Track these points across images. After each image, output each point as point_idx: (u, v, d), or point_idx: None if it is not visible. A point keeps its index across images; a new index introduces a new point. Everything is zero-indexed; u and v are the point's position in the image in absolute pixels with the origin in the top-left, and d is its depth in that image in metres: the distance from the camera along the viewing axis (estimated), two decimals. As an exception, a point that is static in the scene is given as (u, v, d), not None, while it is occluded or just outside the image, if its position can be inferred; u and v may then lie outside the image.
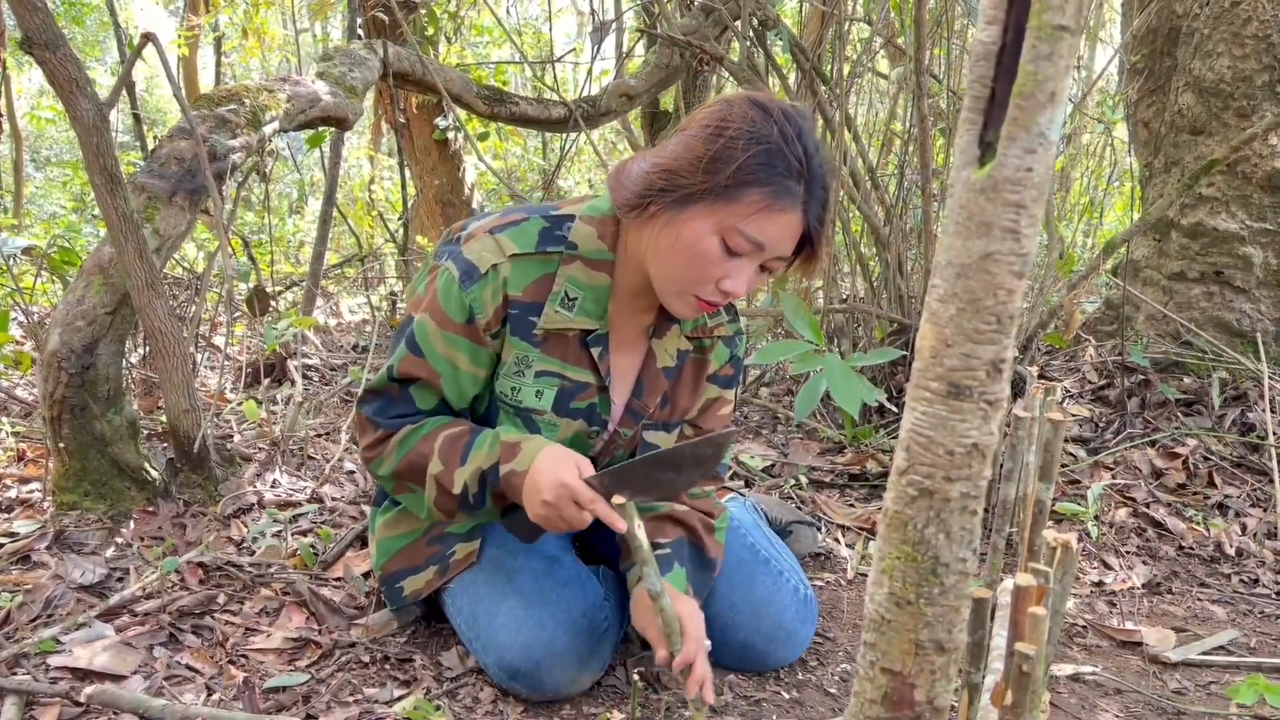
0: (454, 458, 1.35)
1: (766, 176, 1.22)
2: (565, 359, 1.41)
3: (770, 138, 1.23)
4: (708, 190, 1.23)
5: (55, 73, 1.59)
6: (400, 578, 1.52)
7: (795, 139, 1.24)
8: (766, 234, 1.25)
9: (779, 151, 1.23)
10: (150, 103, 12.73)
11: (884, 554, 0.68)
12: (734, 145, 1.23)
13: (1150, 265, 3.19)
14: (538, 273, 1.37)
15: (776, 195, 1.23)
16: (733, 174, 1.22)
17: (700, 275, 1.28)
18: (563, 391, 1.42)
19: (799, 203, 1.25)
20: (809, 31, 4.16)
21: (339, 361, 3.62)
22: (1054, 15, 0.55)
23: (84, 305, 1.79)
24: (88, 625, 1.46)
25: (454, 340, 1.36)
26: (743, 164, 1.22)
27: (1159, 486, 2.48)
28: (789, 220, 1.26)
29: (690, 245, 1.26)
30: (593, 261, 1.38)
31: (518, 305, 1.36)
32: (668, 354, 1.49)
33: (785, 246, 1.29)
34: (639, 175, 1.31)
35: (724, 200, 1.23)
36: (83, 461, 1.80)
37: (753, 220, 1.23)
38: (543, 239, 1.37)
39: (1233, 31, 2.87)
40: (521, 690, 1.38)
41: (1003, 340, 0.61)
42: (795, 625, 1.55)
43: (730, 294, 1.29)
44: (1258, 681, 1.32)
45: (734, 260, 1.27)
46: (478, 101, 3.62)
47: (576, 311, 1.39)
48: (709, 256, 1.26)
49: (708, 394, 1.56)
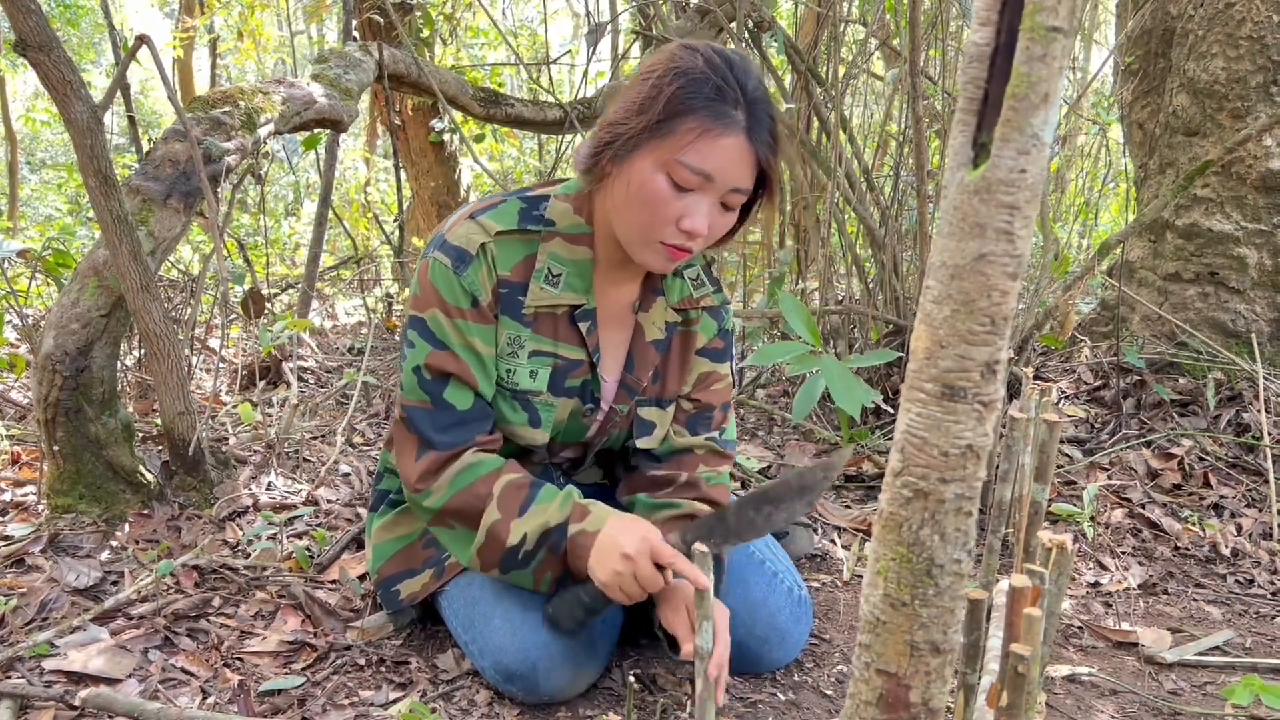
0: (514, 507, 1.33)
1: (698, 103, 1.23)
2: (557, 337, 1.42)
3: (695, 68, 1.25)
4: (644, 130, 1.25)
5: (49, 75, 1.59)
6: (397, 581, 1.52)
7: (725, 68, 1.26)
8: (710, 161, 1.24)
9: (705, 79, 1.24)
10: (145, 105, 12.71)
11: (879, 555, 0.68)
12: (662, 81, 1.25)
13: (1145, 266, 3.20)
14: (521, 252, 1.39)
15: (712, 119, 1.23)
16: (663, 108, 1.24)
17: (656, 217, 1.27)
18: (557, 370, 1.43)
19: (740, 127, 1.25)
20: (804, 33, 4.16)
21: (334, 364, 3.61)
22: (1047, 17, 0.55)
23: (78, 308, 1.78)
24: (82, 629, 1.46)
25: (466, 327, 1.36)
26: (670, 96, 1.24)
27: (1154, 487, 2.48)
28: (731, 144, 1.25)
29: (640, 189, 1.26)
30: (572, 236, 1.40)
31: (506, 285, 1.38)
32: (655, 327, 1.50)
33: (736, 174, 1.27)
34: (589, 138, 1.34)
35: (660, 136, 1.24)
36: (77, 465, 1.79)
37: (691, 149, 1.24)
38: (522, 218, 1.39)
39: (1227, 33, 2.88)
40: (518, 693, 1.38)
41: (997, 341, 0.61)
42: (790, 626, 1.55)
43: (692, 232, 1.28)
44: (1253, 682, 1.32)
45: (686, 196, 1.27)
46: (473, 103, 3.62)
47: (562, 287, 1.40)
48: (660, 196, 1.26)
49: (699, 368, 1.56)
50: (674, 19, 3.72)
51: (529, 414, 1.43)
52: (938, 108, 3.14)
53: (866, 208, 3.00)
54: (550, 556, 1.32)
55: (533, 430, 1.44)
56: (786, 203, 3.94)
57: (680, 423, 1.56)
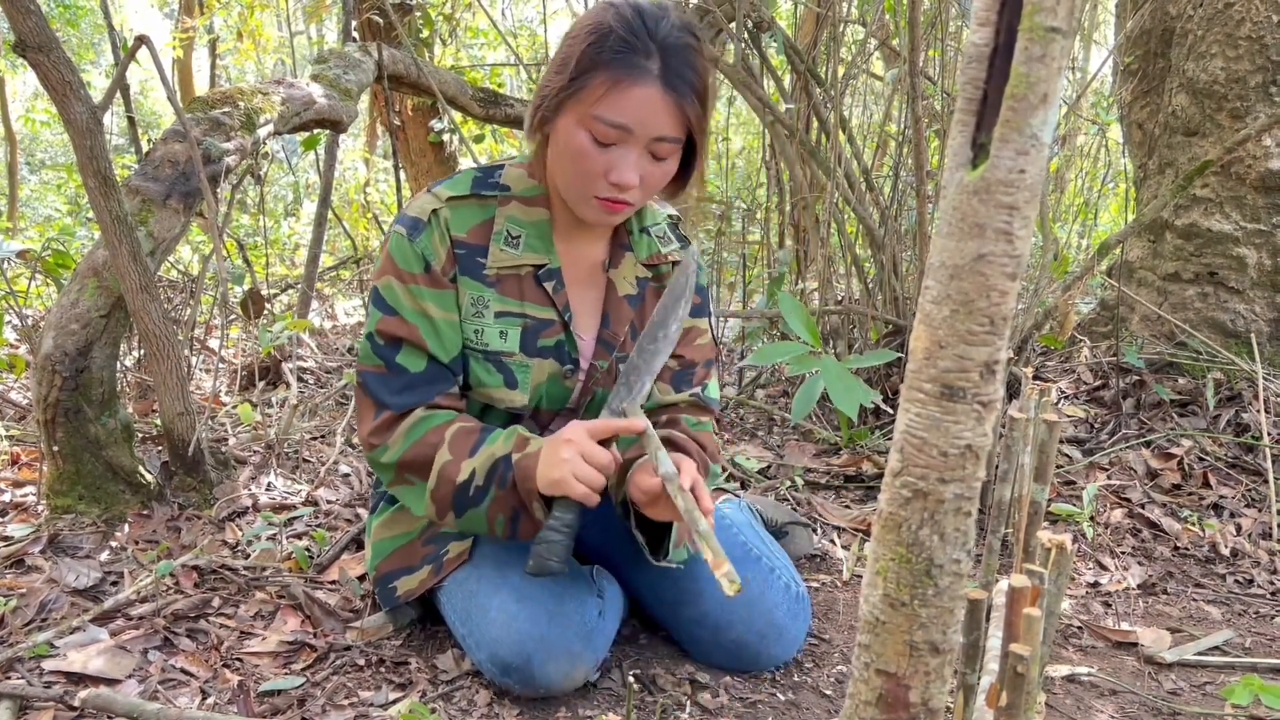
0: (465, 449, 1.36)
1: (606, 58, 1.27)
2: (523, 297, 1.45)
3: (604, 24, 1.29)
4: (563, 90, 1.30)
5: (49, 76, 1.59)
6: (394, 578, 1.52)
7: (635, 18, 1.29)
8: (624, 113, 1.28)
9: (612, 33, 1.28)
10: (145, 106, 12.71)
11: (878, 555, 0.68)
12: (575, 41, 1.30)
13: (1145, 266, 3.20)
14: (478, 217, 1.43)
15: (622, 71, 1.27)
16: (575, 66, 1.28)
17: (585, 172, 1.32)
18: (527, 330, 1.45)
19: (652, 76, 1.28)
20: (804, 34, 4.16)
21: (334, 364, 3.61)
22: (1046, 17, 0.55)
23: (78, 308, 1.78)
24: (82, 629, 1.46)
25: (419, 291, 1.39)
26: (581, 54, 1.28)
27: (1154, 487, 2.49)
28: (645, 94, 1.28)
29: (565, 147, 1.32)
30: (527, 199, 1.45)
31: (463, 246, 1.42)
32: (628, 282, 1.53)
33: (656, 123, 1.30)
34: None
35: (575, 93, 1.29)
36: (77, 465, 1.79)
37: (603, 102, 1.28)
38: (475, 184, 1.45)
39: (1226, 33, 2.88)
40: (514, 685, 1.38)
41: (996, 342, 0.61)
42: (787, 621, 1.55)
43: (622, 184, 1.32)
44: (1253, 682, 1.32)
45: (609, 150, 1.31)
46: (473, 104, 3.62)
47: (522, 248, 1.44)
48: (583, 151, 1.30)
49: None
50: (673, 19, 3.71)
51: (504, 375, 1.45)
52: (937, 108, 3.14)
53: (866, 208, 3.00)
54: (500, 492, 1.34)
55: (509, 392, 1.45)
56: (786, 202, 3.94)
57: (665, 379, 1.57)
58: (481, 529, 1.40)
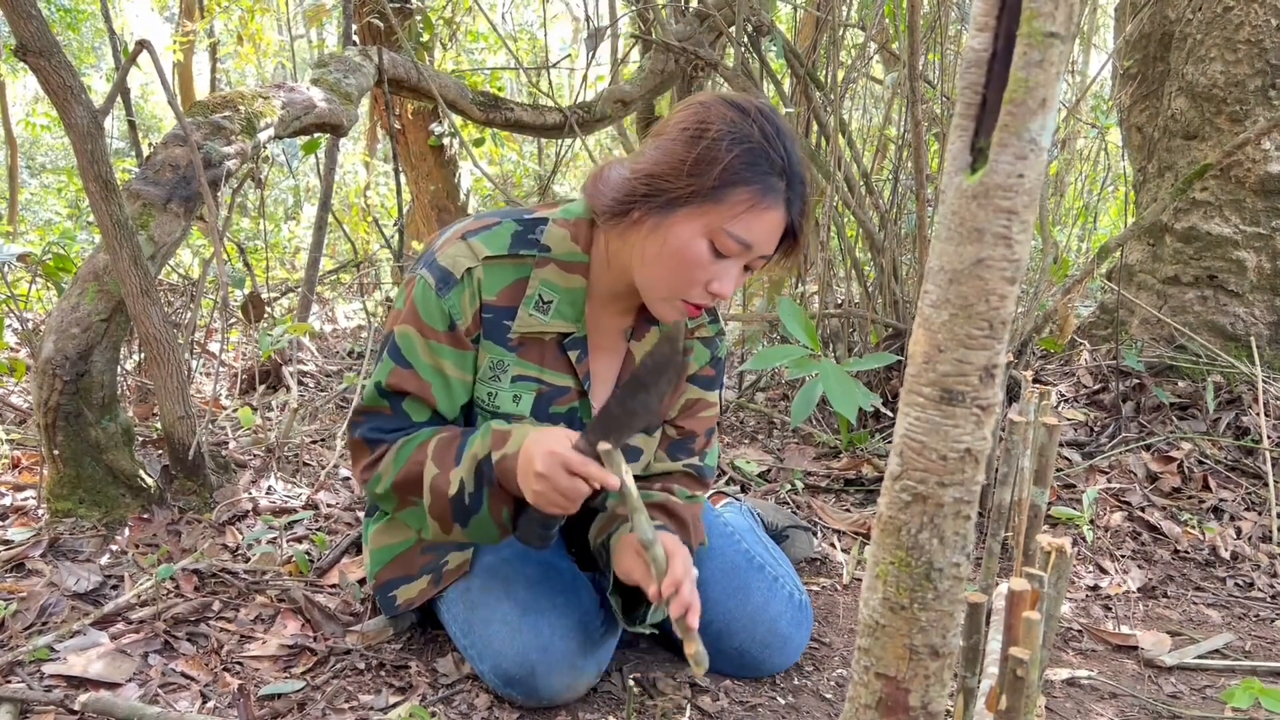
0: (449, 459, 1.33)
1: (752, 175, 1.23)
2: (542, 363, 1.41)
3: (752, 137, 1.24)
4: (694, 193, 1.24)
5: (50, 80, 1.59)
6: (394, 587, 1.52)
7: (775, 137, 1.25)
8: (754, 233, 1.25)
9: (762, 150, 1.24)
10: (145, 110, 12.72)
11: (878, 559, 0.69)
12: (717, 146, 1.23)
13: (1144, 269, 3.20)
14: (511, 276, 1.37)
15: (762, 194, 1.24)
16: (719, 175, 1.22)
17: (689, 279, 1.28)
18: (541, 396, 1.41)
19: (782, 199, 1.26)
20: (803, 37, 4.17)
21: (334, 368, 3.61)
22: (1044, 22, 0.55)
23: (79, 312, 1.79)
24: (82, 633, 1.45)
25: (438, 349, 1.35)
26: (728, 165, 1.23)
27: (1154, 490, 2.49)
28: (774, 218, 1.26)
29: (678, 250, 1.26)
30: (566, 264, 1.38)
31: (491, 309, 1.37)
32: None
33: (771, 245, 1.29)
34: (620, 182, 1.30)
35: (711, 202, 1.24)
36: (77, 469, 1.79)
37: (740, 220, 1.24)
38: (515, 242, 1.37)
39: (1225, 36, 2.89)
40: (517, 697, 1.38)
41: (995, 345, 0.62)
42: (790, 631, 1.55)
43: (718, 295, 1.29)
44: (1253, 685, 1.32)
45: (721, 262, 1.27)
46: (473, 108, 3.63)
47: (552, 314, 1.39)
48: (698, 260, 1.26)
49: (688, 394, 1.55)
50: (673, 23, 3.72)
51: None
52: (936, 112, 3.14)
53: (866, 211, 3.00)
54: (490, 491, 1.32)
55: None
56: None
57: (663, 448, 1.55)
58: (491, 531, 1.37)
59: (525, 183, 7.77)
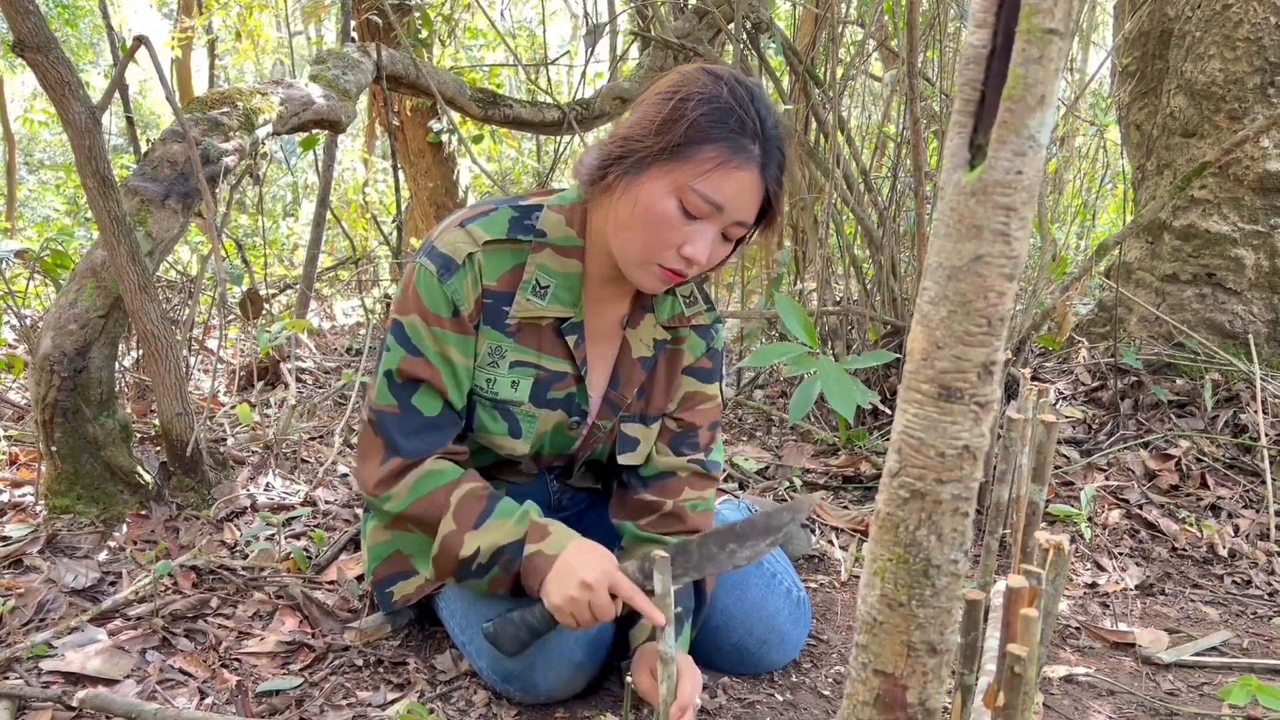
0: (469, 519, 1.32)
1: (719, 133, 1.23)
2: (540, 348, 1.41)
3: (721, 97, 1.24)
4: (661, 150, 1.23)
5: (47, 76, 1.59)
6: (391, 583, 1.52)
7: (748, 101, 1.25)
8: (723, 193, 1.24)
9: (730, 110, 1.24)
10: (143, 106, 12.70)
11: (876, 556, 0.69)
12: (685, 105, 1.23)
13: (1143, 267, 3.20)
14: (510, 262, 1.37)
15: (731, 152, 1.23)
16: (684, 132, 1.22)
17: (660, 240, 1.27)
18: (539, 382, 1.41)
19: (755, 162, 1.25)
20: (802, 34, 4.17)
21: (332, 365, 3.61)
22: (1043, 19, 0.55)
23: (76, 309, 1.78)
24: (80, 630, 1.45)
25: (443, 336, 1.35)
26: (694, 121, 1.22)
27: (1152, 488, 2.49)
28: (745, 179, 1.25)
29: (648, 209, 1.25)
30: (562, 248, 1.38)
31: (491, 295, 1.36)
32: (643, 344, 1.48)
33: (744, 209, 1.27)
34: (597, 149, 1.32)
35: (678, 159, 1.23)
36: (75, 465, 1.79)
37: (708, 178, 1.23)
38: (513, 227, 1.38)
39: (1224, 34, 2.89)
40: (515, 692, 1.38)
41: (993, 342, 0.61)
42: (788, 628, 1.55)
43: (692, 259, 1.27)
44: (1250, 682, 1.32)
45: (693, 223, 1.26)
46: (471, 104, 3.62)
47: (549, 299, 1.38)
48: (667, 219, 1.25)
49: (685, 387, 1.54)
50: (672, 20, 3.72)
51: (509, 424, 1.42)
52: (935, 109, 3.14)
53: (864, 209, 3.00)
54: (504, 574, 1.31)
55: (513, 440, 1.43)
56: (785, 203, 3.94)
57: (664, 441, 1.53)
58: (479, 592, 1.39)
59: (524, 180, 7.76)
